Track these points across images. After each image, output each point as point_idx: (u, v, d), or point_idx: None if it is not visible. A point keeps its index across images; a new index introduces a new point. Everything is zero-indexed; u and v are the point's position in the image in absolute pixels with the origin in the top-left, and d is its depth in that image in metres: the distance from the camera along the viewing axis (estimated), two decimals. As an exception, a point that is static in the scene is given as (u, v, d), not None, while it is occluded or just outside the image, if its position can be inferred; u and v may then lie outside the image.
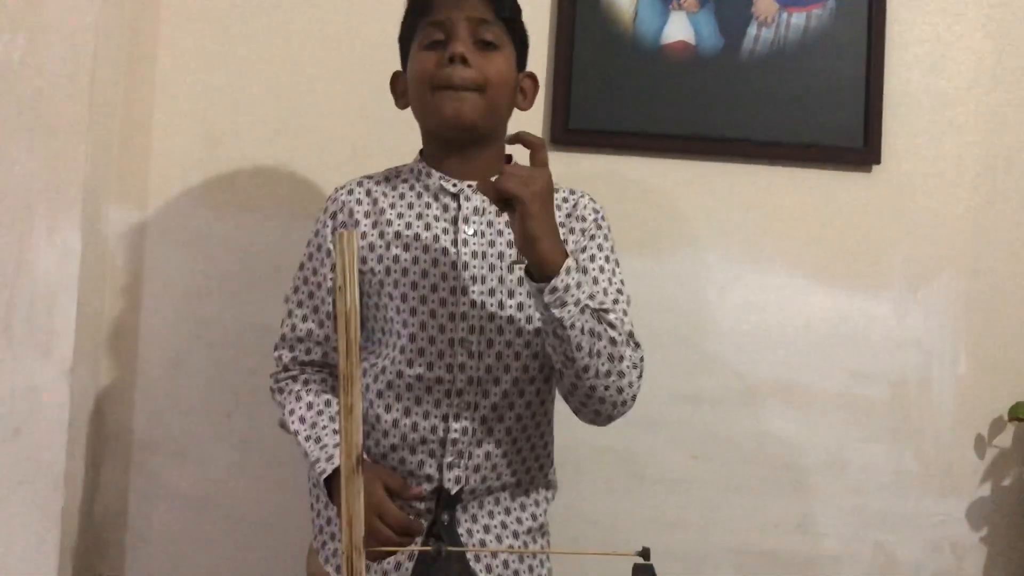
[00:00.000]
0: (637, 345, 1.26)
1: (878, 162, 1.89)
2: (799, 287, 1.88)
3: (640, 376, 1.25)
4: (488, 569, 1.26)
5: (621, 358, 1.20)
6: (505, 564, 1.26)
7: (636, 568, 1.02)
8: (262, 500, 1.80)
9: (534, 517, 1.33)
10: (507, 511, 1.30)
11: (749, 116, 1.86)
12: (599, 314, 1.18)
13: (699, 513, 1.86)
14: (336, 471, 1.19)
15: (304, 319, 1.33)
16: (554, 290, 1.12)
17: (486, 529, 1.27)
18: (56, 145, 1.63)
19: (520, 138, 1.16)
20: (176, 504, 1.79)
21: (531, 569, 1.31)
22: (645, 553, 0.99)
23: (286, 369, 1.34)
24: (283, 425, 1.34)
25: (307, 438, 1.25)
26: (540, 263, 1.12)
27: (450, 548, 0.99)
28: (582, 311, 1.14)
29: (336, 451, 1.21)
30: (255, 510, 1.80)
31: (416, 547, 1.01)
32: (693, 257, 1.87)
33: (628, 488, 1.84)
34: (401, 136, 1.45)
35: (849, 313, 1.89)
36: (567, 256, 1.13)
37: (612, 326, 1.19)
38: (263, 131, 1.82)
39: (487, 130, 1.30)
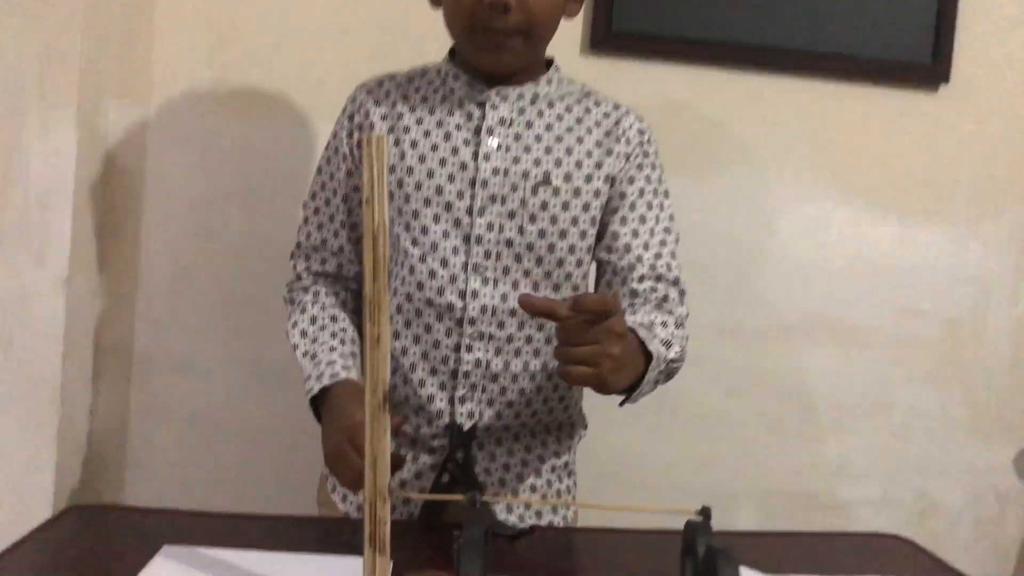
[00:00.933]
0: (683, 293, 1.20)
1: (947, 80, 1.73)
2: (853, 215, 1.75)
3: (686, 337, 1.19)
4: (508, 508, 1.20)
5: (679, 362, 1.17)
6: (526, 504, 1.21)
7: (691, 525, 0.91)
8: (272, 424, 1.70)
9: (557, 455, 1.25)
10: (527, 448, 1.22)
11: (809, 25, 1.69)
12: (669, 365, 1.13)
13: (731, 452, 1.77)
14: (324, 391, 1.11)
15: (319, 228, 1.24)
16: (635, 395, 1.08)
17: (505, 468, 1.20)
18: (48, 33, 1.48)
19: (584, 308, 0.92)
20: (179, 424, 1.70)
21: (555, 510, 1.24)
22: (706, 512, 0.88)
23: (299, 279, 1.26)
24: (287, 333, 1.24)
25: (304, 354, 1.17)
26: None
27: (486, 498, 0.88)
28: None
29: (328, 369, 1.12)
30: (264, 434, 1.70)
31: (452, 496, 0.90)
32: (740, 179, 1.74)
33: (658, 423, 1.73)
34: (427, 32, 1.29)
35: (905, 245, 1.76)
36: (645, 367, 1.05)
37: (676, 360, 1.15)
38: (276, 26, 1.67)
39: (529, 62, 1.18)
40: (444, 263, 1.14)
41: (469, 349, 1.14)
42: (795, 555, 1.18)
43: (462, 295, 1.14)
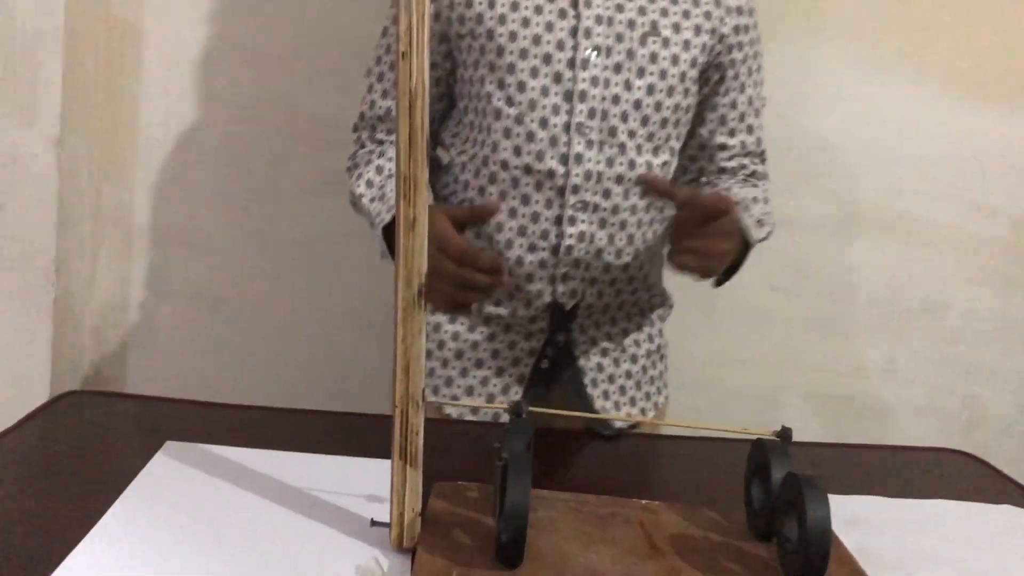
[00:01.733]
0: (764, 163, 1.18)
1: (1041, -48, 1.53)
2: (924, 99, 1.58)
3: (770, 213, 1.14)
4: (605, 395, 1.14)
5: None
6: (622, 390, 1.14)
7: (764, 445, 0.81)
8: (286, 305, 1.59)
9: (651, 338, 1.19)
10: (624, 332, 1.15)
11: None
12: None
13: (773, 350, 1.66)
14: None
15: (384, 95, 1.12)
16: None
17: (603, 352, 1.14)
18: None
19: (701, 205, 0.93)
20: (183, 302, 1.59)
21: (648, 396, 1.18)
22: (786, 434, 0.77)
23: (363, 147, 1.15)
24: (352, 199, 1.12)
25: (371, 199, 1.06)
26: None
27: (533, 408, 0.77)
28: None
29: (391, 202, 1.01)
30: (277, 316, 1.59)
31: (495, 406, 0.79)
32: (800, 53, 1.56)
33: (697, 318, 1.61)
34: None
35: (978, 135, 1.60)
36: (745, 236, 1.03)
37: (766, 238, 1.11)
38: None
39: None
40: (544, 123, 1.03)
41: (572, 222, 1.04)
42: (856, 470, 1.08)
43: (564, 160, 1.03)
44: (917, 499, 0.97)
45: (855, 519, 0.88)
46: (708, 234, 0.93)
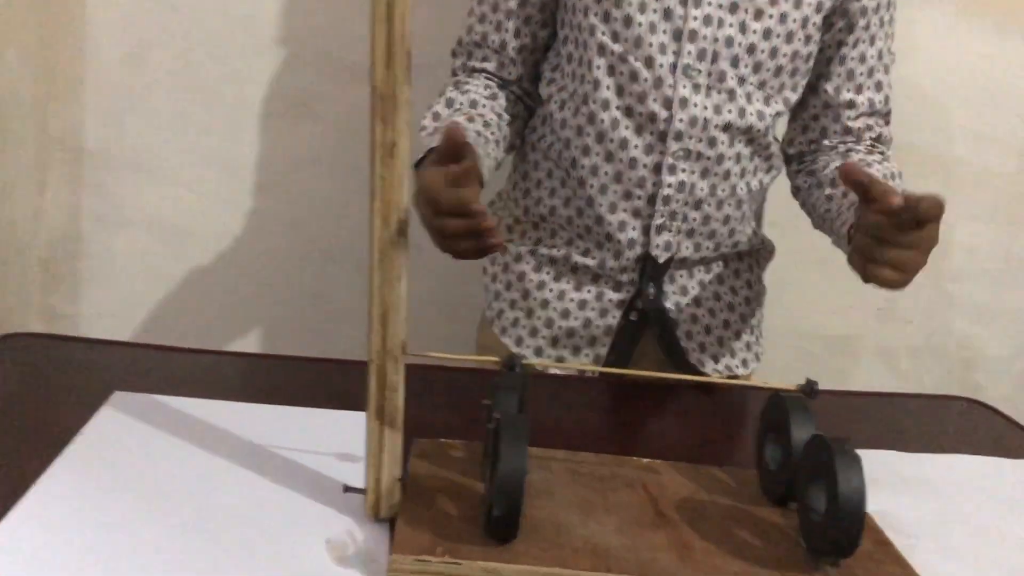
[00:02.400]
0: (888, 124, 1.10)
1: None
2: (938, 21, 1.48)
3: None
4: (702, 348, 1.08)
5: None
6: (720, 341, 1.09)
7: (782, 401, 0.73)
8: (253, 239, 1.48)
9: (750, 284, 1.13)
10: (720, 279, 1.09)
11: None
12: None
13: (767, 288, 1.58)
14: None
15: (481, 20, 1.05)
16: None
17: (697, 302, 1.08)
18: None
19: (919, 211, 0.78)
20: (141, 231, 1.48)
21: (748, 346, 1.13)
22: (810, 388, 0.69)
23: (454, 75, 1.08)
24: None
25: (428, 133, 0.98)
26: None
27: (526, 362, 0.68)
28: None
29: (439, 137, 0.86)
30: (242, 251, 1.49)
31: (481, 358, 0.70)
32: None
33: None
34: None
35: (987, 59, 1.50)
36: None
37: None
38: None
39: None
40: (649, 63, 0.95)
41: (672, 170, 0.98)
42: (862, 420, 1.02)
43: (668, 103, 0.96)
44: (932, 454, 0.90)
45: (871, 477, 0.81)
46: (914, 242, 0.80)
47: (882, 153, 1.06)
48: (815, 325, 1.61)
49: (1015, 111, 1.54)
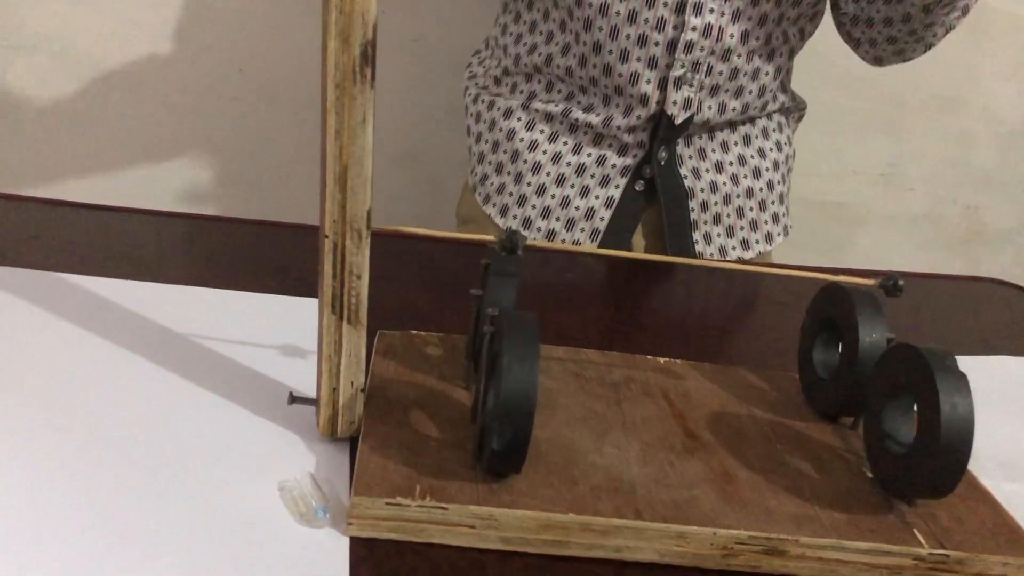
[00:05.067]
0: None
1: None
2: None
3: None
4: (716, 220, 0.94)
5: None
6: (739, 212, 0.94)
7: (848, 295, 0.58)
8: (175, 64, 1.27)
9: (779, 146, 0.98)
10: (746, 140, 0.94)
11: None
12: None
13: (762, 148, 1.42)
14: None
15: None
16: None
17: (718, 167, 0.93)
18: None
19: None
20: (41, 57, 1.25)
21: (776, 218, 0.99)
22: (892, 284, 0.54)
23: None
24: None
25: None
26: None
27: (532, 242, 0.52)
28: None
29: None
30: (161, 79, 1.27)
31: (481, 236, 0.54)
32: None
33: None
34: None
35: None
36: None
37: None
38: None
39: None
40: None
41: (698, 10, 0.82)
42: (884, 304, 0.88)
43: None
44: (974, 356, 0.77)
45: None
46: None
47: None
48: (814, 191, 1.47)
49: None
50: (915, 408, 0.49)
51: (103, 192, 1.15)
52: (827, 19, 1.20)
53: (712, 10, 0.82)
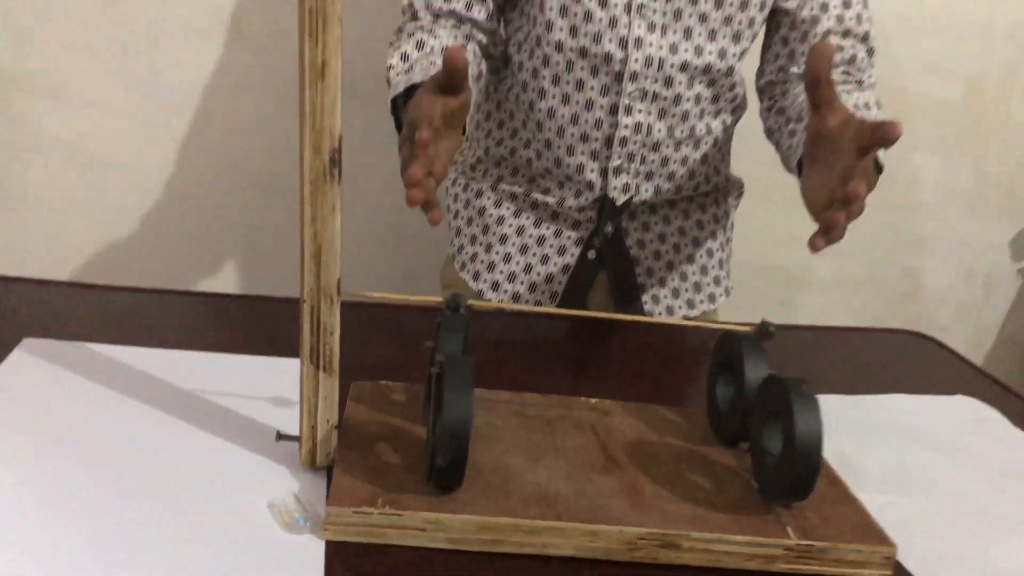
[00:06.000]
0: (871, 52, 1.02)
1: None
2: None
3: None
4: (662, 283, 1.07)
5: None
6: (683, 276, 1.08)
7: (736, 340, 0.70)
8: (174, 166, 1.40)
9: (716, 219, 1.10)
10: (685, 214, 1.07)
11: None
12: None
13: (712, 220, 1.56)
14: (412, 91, 0.80)
15: None
16: None
17: (661, 238, 1.06)
18: None
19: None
20: (53, 160, 1.39)
21: (717, 281, 1.11)
22: (764, 329, 0.66)
23: (415, 17, 0.97)
24: (385, 73, 0.95)
25: (397, 72, 0.90)
26: None
27: (472, 302, 0.65)
28: None
29: (421, 74, 0.82)
30: (165, 180, 1.41)
31: (422, 298, 0.66)
32: None
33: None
34: None
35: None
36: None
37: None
38: None
39: None
40: (603, 3, 0.93)
41: (628, 111, 0.96)
42: (808, 356, 1.01)
43: (623, 43, 0.93)
44: (875, 395, 0.89)
45: (826, 420, 0.80)
46: (857, 174, 0.72)
47: (859, 82, 1.01)
48: (757, 255, 1.59)
49: (961, 42, 1.52)
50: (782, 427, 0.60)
51: (114, 274, 1.27)
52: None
53: (640, 111, 0.96)
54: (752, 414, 0.65)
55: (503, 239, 1.05)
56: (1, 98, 1.35)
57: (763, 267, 1.60)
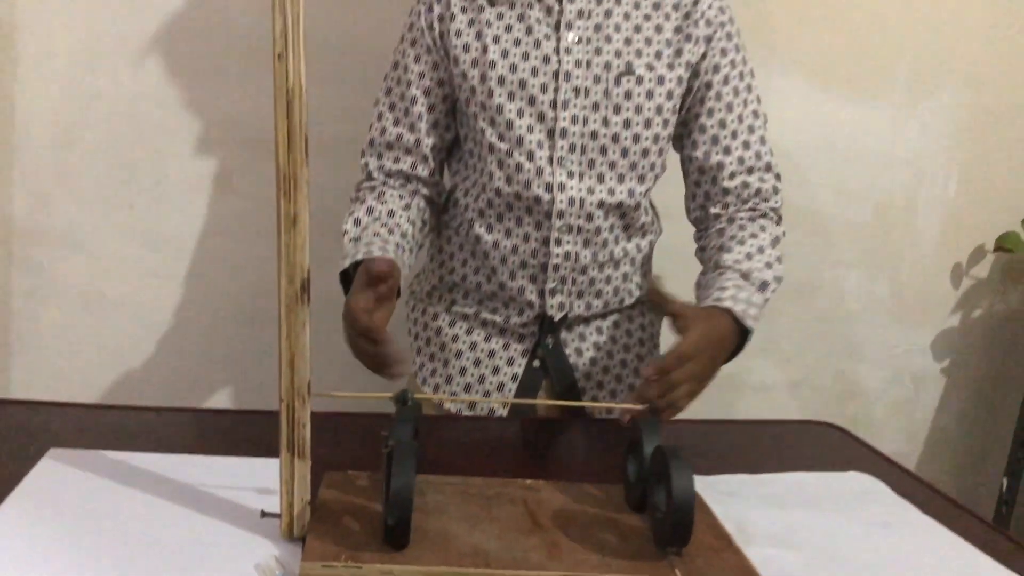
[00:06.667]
0: (778, 177, 1.20)
1: (893, -47, 1.64)
2: (792, 89, 1.68)
3: (779, 250, 1.18)
4: (599, 386, 1.22)
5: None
6: (618, 378, 1.22)
7: (639, 424, 0.86)
8: (176, 307, 1.57)
9: (643, 328, 1.26)
10: (616, 324, 1.23)
11: None
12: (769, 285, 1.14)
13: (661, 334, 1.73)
14: (355, 267, 1.02)
15: (395, 123, 1.18)
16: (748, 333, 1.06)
17: (596, 347, 1.22)
18: None
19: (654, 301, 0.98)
20: (69, 303, 1.56)
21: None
22: (653, 410, 0.82)
23: (370, 177, 1.19)
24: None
25: (350, 239, 1.11)
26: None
27: (417, 395, 0.80)
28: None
29: (364, 248, 1.04)
30: (167, 319, 1.58)
31: (376, 395, 0.82)
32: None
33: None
34: None
35: (843, 125, 1.71)
36: (733, 319, 1.04)
37: (777, 279, 1.15)
38: None
39: None
40: (530, 157, 1.12)
41: (558, 243, 1.14)
42: (733, 446, 1.15)
43: (549, 188, 1.12)
44: (781, 472, 1.04)
45: (731, 493, 0.95)
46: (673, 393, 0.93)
47: (764, 215, 1.17)
48: (704, 366, 1.75)
49: (867, 168, 1.73)
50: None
51: (124, 398, 1.40)
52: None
53: (567, 241, 1.13)
54: (648, 480, 0.80)
55: (458, 354, 1.21)
56: (22, 250, 1.53)
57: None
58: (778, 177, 1.19)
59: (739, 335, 1.05)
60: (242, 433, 1.03)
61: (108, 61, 1.49)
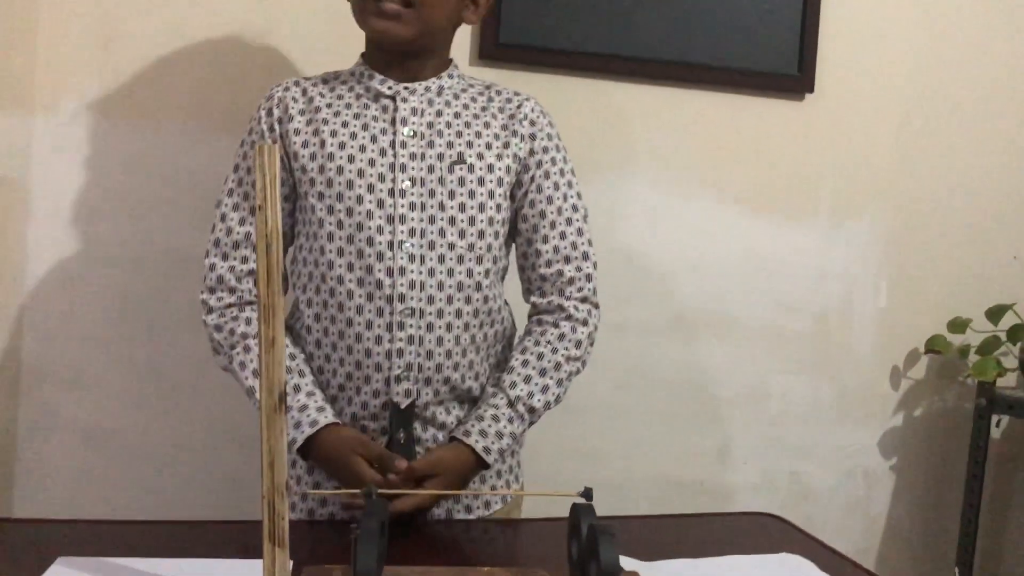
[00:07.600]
0: (594, 265, 1.29)
1: (811, 90, 1.86)
2: (728, 216, 1.86)
3: (584, 339, 1.29)
4: (456, 497, 1.27)
5: (582, 361, 1.31)
6: (481, 477, 1.26)
7: (575, 507, 0.98)
8: (171, 434, 1.69)
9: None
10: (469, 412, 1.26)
11: (683, 38, 1.79)
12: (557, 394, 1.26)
13: (621, 443, 1.85)
14: (313, 438, 1.16)
15: (242, 222, 1.24)
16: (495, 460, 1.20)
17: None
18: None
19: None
20: (71, 437, 1.67)
21: (511, 469, 1.32)
22: (588, 494, 0.94)
23: (220, 280, 1.24)
24: (228, 370, 1.24)
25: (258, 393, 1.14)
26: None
27: (381, 491, 0.92)
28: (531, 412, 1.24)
29: (306, 417, 1.16)
30: (163, 446, 1.69)
31: (346, 491, 0.94)
32: (621, 183, 1.82)
33: (551, 416, 1.79)
34: (316, 43, 1.32)
35: (777, 243, 1.88)
36: (474, 457, 1.18)
37: (556, 399, 1.27)
38: (162, 31, 1.66)
39: (423, 46, 1.24)
40: (371, 242, 1.18)
41: (401, 327, 1.18)
42: (682, 537, 1.26)
43: (390, 272, 1.18)
44: (718, 556, 1.15)
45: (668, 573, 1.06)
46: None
47: (570, 317, 1.26)
48: (666, 472, 1.87)
49: (804, 283, 1.90)
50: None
51: (130, 511, 1.48)
52: (661, 326, 1.67)
53: (411, 325, 1.17)
54: (585, 557, 0.91)
55: None
56: (28, 388, 1.65)
57: (670, 480, 1.87)
58: (595, 265, 1.28)
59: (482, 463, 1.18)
60: (232, 539, 1.13)
61: (111, 214, 1.65)
